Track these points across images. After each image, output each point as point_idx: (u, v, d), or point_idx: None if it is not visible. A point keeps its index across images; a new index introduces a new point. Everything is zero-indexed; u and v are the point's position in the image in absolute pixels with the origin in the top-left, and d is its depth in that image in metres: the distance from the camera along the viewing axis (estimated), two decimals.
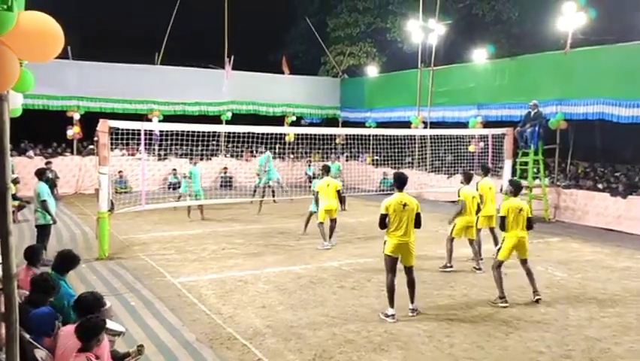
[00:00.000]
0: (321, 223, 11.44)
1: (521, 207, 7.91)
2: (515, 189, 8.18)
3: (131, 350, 5.09)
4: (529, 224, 7.95)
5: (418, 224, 7.17)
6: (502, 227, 7.88)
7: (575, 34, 15.98)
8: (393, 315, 7.07)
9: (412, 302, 7.33)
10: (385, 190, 18.26)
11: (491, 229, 10.40)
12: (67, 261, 5.83)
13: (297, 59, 28.87)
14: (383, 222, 7.16)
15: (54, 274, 5.57)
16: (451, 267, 9.72)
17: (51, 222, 9.74)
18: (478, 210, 9.86)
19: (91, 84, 20.26)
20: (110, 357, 4.57)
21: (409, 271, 7.34)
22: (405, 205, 7.08)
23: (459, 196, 9.72)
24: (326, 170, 11.74)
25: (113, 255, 10.35)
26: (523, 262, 8.06)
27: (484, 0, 24.23)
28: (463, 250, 10.33)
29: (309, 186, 17.84)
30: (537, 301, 7.88)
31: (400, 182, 7.32)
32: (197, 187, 14.76)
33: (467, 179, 10.03)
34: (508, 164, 14.68)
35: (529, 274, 8.06)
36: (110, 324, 4.88)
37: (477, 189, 10.19)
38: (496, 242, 10.30)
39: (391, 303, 7.14)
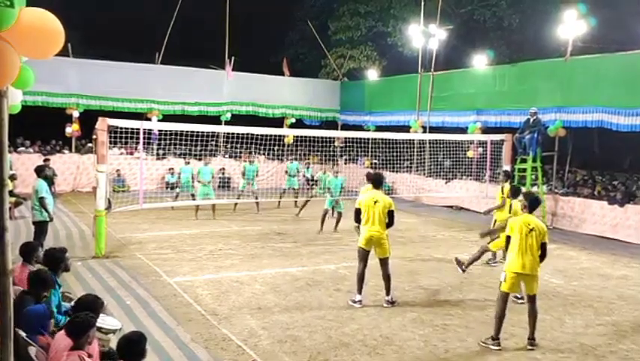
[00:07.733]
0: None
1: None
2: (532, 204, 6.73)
3: None
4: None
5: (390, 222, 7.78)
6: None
7: (576, 42, 16.02)
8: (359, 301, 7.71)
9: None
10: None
11: None
12: (53, 260, 5.81)
13: (298, 61, 28.90)
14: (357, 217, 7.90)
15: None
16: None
17: (48, 219, 9.72)
18: None
19: (91, 82, 20.18)
20: (103, 357, 4.54)
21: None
22: (376, 202, 7.71)
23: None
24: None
25: (109, 253, 10.33)
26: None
27: (486, 6, 24.31)
28: (459, 256, 10.30)
29: (308, 188, 17.86)
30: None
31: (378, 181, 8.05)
32: (205, 186, 15.00)
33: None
34: None
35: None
36: (106, 321, 4.86)
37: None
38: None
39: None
